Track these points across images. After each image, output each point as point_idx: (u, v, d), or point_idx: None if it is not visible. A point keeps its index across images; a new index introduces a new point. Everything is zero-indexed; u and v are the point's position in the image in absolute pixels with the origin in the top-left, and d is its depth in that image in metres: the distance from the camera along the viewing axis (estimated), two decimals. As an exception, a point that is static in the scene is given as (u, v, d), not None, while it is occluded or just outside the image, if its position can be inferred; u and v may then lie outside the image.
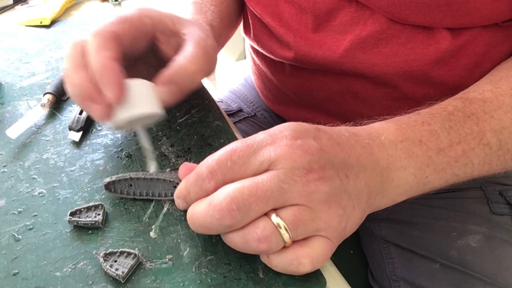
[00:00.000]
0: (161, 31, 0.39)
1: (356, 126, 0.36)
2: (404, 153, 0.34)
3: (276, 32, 0.51)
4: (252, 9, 0.53)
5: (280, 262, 0.31)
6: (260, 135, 0.31)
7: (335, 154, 0.31)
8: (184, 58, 0.37)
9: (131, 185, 0.37)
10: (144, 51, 0.40)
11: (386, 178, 0.33)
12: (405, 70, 0.45)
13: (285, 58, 0.52)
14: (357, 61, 0.46)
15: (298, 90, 0.55)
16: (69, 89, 0.35)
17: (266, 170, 0.30)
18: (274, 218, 0.29)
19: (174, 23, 0.40)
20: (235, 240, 0.30)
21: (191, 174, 0.32)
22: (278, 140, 0.30)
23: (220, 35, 0.50)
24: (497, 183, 0.53)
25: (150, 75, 0.38)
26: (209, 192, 0.31)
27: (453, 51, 0.43)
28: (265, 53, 0.55)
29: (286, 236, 0.29)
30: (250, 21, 0.56)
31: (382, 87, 0.48)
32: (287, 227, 0.29)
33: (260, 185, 0.29)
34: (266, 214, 0.29)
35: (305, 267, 0.30)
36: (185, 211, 0.37)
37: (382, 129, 0.35)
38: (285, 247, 0.30)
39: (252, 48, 0.60)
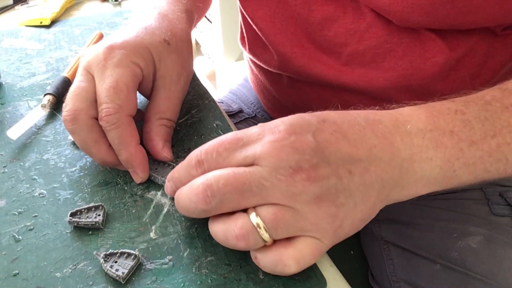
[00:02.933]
0: (143, 79, 0.40)
1: (383, 110, 0.34)
2: (432, 143, 0.32)
3: (270, 42, 0.50)
4: (244, 12, 0.52)
5: (266, 263, 0.30)
6: (254, 129, 0.30)
7: (337, 149, 0.29)
8: (161, 117, 0.40)
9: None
10: None
11: (406, 170, 0.31)
12: (403, 84, 0.45)
13: (282, 69, 0.51)
14: (355, 75, 0.46)
15: (296, 102, 0.55)
16: (92, 157, 0.39)
17: (250, 163, 0.29)
18: (253, 217, 0.29)
19: (153, 61, 0.40)
20: (218, 234, 0.31)
21: (183, 161, 0.32)
22: (269, 135, 0.29)
23: (197, 17, 0.52)
24: (497, 184, 0.53)
25: None
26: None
27: (451, 64, 0.43)
28: (262, 65, 0.55)
29: (265, 236, 0.29)
30: (245, 34, 0.56)
31: (380, 102, 0.47)
32: (266, 227, 0.28)
33: (238, 176, 0.28)
34: (247, 211, 0.29)
35: (291, 268, 0.29)
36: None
37: (411, 115, 0.33)
38: (267, 247, 0.30)
39: (250, 58, 0.60)
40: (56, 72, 0.55)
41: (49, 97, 0.48)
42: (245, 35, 0.56)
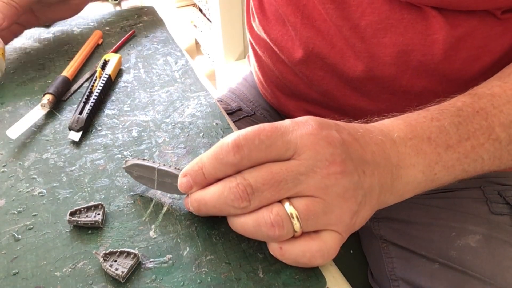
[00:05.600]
0: None
1: (367, 123, 0.36)
2: (413, 150, 0.34)
3: (283, 12, 0.50)
4: None
5: (292, 254, 0.31)
6: (287, 121, 0.31)
7: (354, 149, 0.31)
8: None
9: (151, 179, 0.36)
10: None
11: (396, 176, 0.33)
12: (404, 61, 0.45)
13: (291, 43, 0.51)
14: (357, 50, 0.46)
15: (297, 83, 0.55)
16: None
17: (290, 156, 0.30)
18: (287, 206, 0.30)
19: None
20: (247, 224, 0.31)
21: (207, 151, 0.31)
22: (304, 128, 0.31)
23: None
24: (496, 183, 0.53)
25: None
26: (231, 166, 0.30)
27: (451, 43, 0.43)
28: (269, 41, 0.55)
29: (297, 225, 0.30)
30: (254, 9, 0.56)
31: (381, 80, 0.48)
32: (298, 217, 0.30)
33: (276, 176, 0.29)
34: (281, 201, 0.30)
35: (317, 260, 0.31)
36: (185, 212, 0.37)
37: (392, 126, 0.35)
38: (295, 238, 0.31)
39: (255, 38, 0.60)
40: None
41: (48, 96, 0.48)
42: (253, 10, 0.56)
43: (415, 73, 0.46)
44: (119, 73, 0.55)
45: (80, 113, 0.46)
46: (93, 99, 0.48)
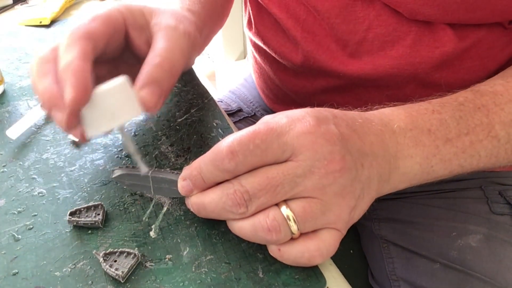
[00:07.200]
0: (132, 26, 0.37)
1: (367, 111, 0.36)
2: (412, 141, 0.34)
3: (283, 26, 0.50)
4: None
5: (291, 256, 0.31)
6: (283, 119, 0.31)
7: (353, 143, 0.31)
8: (155, 56, 0.34)
9: (146, 185, 0.36)
10: (122, 49, 0.39)
11: (393, 166, 0.33)
12: (410, 73, 0.45)
13: (291, 55, 0.51)
14: (362, 63, 0.46)
15: (300, 91, 0.55)
16: (38, 98, 0.33)
17: (288, 157, 0.30)
18: (284, 209, 0.30)
19: (143, 14, 0.38)
20: (245, 229, 0.31)
21: (205, 155, 0.31)
22: (301, 125, 0.30)
23: (204, 23, 0.46)
24: (496, 183, 0.53)
25: (132, 75, 0.35)
26: (227, 173, 0.30)
27: (458, 53, 0.43)
28: (269, 51, 0.55)
29: (294, 228, 0.30)
30: (252, 18, 0.56)
31: (386, 90, 0.48)
32: (295, 219, 0.29)
33: (272, 181, 0.29)
34: (277, 204, 0.30)
35: (316, 260, 0.31)
36: (185, 212, 0.37)
37: (393, 115, 0.35)
38: (293, 239, 0.31)
39: (255, 46, 0.59)
40: (55, 71, 0.55)
41: (48, 96, 0.48)
42: (252, 19, 0.56)
43: (421, 84, 0.46)
44: (119, 73, 0.55)
45: (80, 113, 0.46)
46: (93, 99, 0.48)
